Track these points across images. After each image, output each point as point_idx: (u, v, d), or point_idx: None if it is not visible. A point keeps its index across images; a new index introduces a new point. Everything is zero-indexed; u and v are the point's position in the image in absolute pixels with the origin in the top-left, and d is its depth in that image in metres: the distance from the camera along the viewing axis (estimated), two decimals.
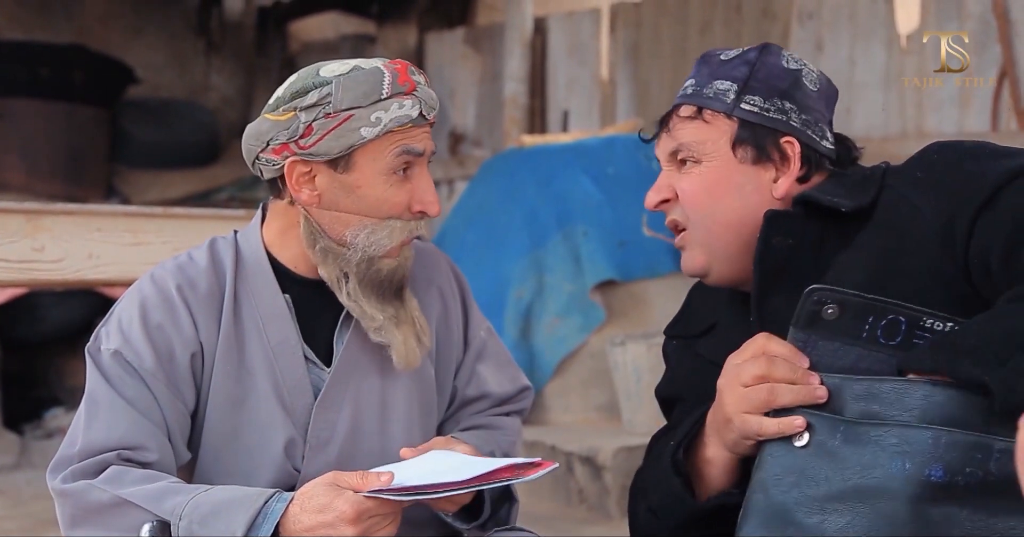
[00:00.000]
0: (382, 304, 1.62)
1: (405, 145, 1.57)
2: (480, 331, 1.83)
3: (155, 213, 2.71)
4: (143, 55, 7.56)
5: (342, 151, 1.56)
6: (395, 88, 1.56)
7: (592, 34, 6.61)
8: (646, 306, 4.82)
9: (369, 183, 1.58)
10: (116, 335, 1.60)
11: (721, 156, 1.51)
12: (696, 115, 1.53)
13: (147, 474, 1.52)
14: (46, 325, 5.93)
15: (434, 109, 1.61)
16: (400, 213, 1.60)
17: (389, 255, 1.61)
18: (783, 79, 1.52)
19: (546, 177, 5.04)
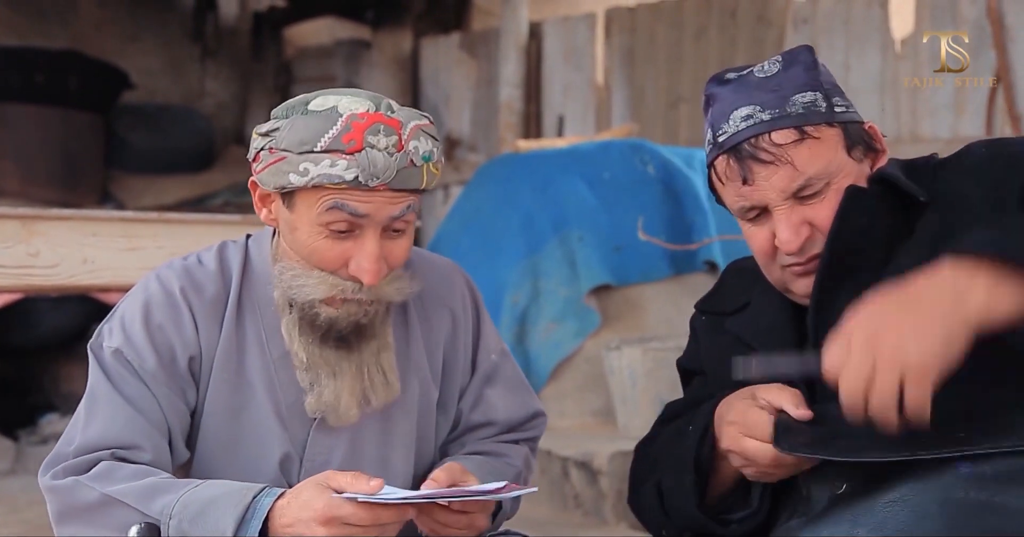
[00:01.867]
0: (319, 348, 1.55)
1: (337, 200, 1.47)
2: (491, 354, 1.77)
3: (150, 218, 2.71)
4: (138, 60, 7.56)
5: (277, 189, 1.50)
6: (334, 144, 1.46)
7: (587, 39, 6.62)
8: (642, 311, 4.82)
9: (303, 229, 1.51)
10: (118, 333, 1.58)
11: (845, 167, 1.46)
12: (801, 136, 1.44)
13: (137, 470, 1.50)
14: (41, 330, 5.92)
15: (378, 178, 1.46)
16: (334, 268, 1.51)
17: (327, 303, 1.53)
18: (831, 75, 1.52)
19: (542, 182, 5.04)
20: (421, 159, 1.50)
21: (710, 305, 1.67)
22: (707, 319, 1.65)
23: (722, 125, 1.48)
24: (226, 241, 1.68)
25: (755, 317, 1.55)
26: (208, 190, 7.18)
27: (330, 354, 1.56)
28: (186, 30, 7.94)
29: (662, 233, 4.74)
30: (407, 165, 1.48)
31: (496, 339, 1.80)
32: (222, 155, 7.67)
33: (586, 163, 5.03)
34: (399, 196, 1.50)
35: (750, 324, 1.55)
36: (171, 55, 7.89)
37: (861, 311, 1.26)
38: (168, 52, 7.88)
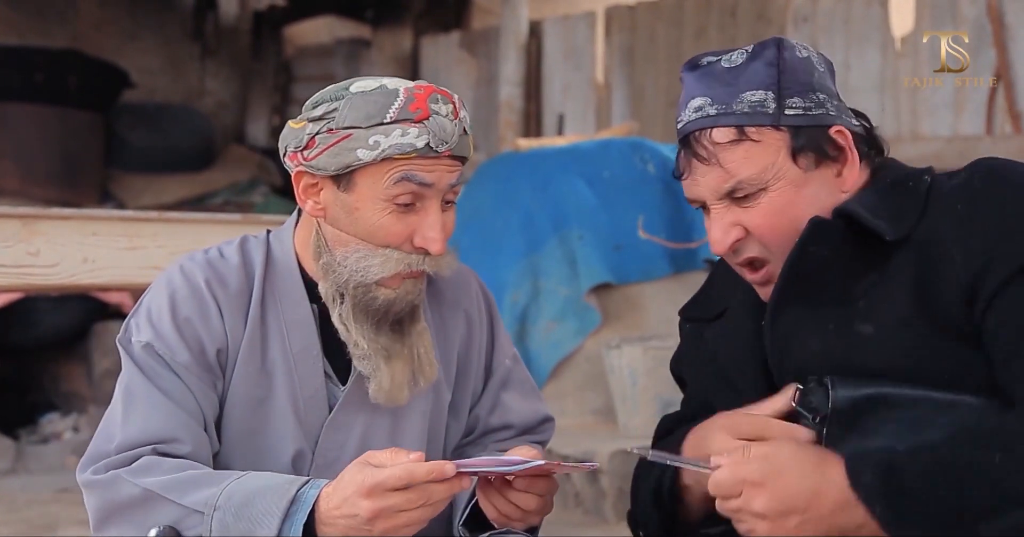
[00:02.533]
0: (375, 333, 1.56)
1: (406, 171, 1.48)
2: (506, 358, 1.77)
3: (150, 217, 2.70)
4: (138, 60, 7.56)
5: (339, 170, 1.50)
6: (402, 114, 1.48)
7: (587, 38, 6.62)
8: (642, 309, 4.82)
9: (367, 207, 1.51)
10: (147, 327, 1.58)
11: (786, 174, 1.39)
12: (739, 137, 1.39)
13: (178, 464, 1.50)
14: (41, 330, 5.92)
15: (447, 142, 1.49)
16: (399, 244, 1.53)
17: (386, 285, 1.53)
18: (806, 71, 1.41)
19: (542, 181, 5.04)
20: (468, 128, 1.56)
21: (694, 311, 1.63)
22: (691, 327, 1.62)
23: (680, 112, 1.45)
24: (247, 235, 1.68)
25: (728, 328, 1.53)
26: (208, 189, 7.18)
27: (385, 339, 1.56)
28: (186, 29, 7.94)
29: (662, 232, 4.74)
30: (463, 132, 1.54)
31: (509, 344, 1.80)
32: (222, 154, 7.67)
33: (586, 162, 5.03)
34: (455, 164, 1.53)
35: (723, 336, 1.53)
36: (171, 54, 7.89)
37: (773, 454, 1.26)
38: (168, 51, 7.88)
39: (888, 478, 1.23)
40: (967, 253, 1.30)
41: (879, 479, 1.23)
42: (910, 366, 1.32)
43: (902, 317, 1.32)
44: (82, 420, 5.93)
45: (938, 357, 1.31)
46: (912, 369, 1.32)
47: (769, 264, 1.43)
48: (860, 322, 1.35)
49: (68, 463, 5.53)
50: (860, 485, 1.23)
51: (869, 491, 1.23)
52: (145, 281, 2.57)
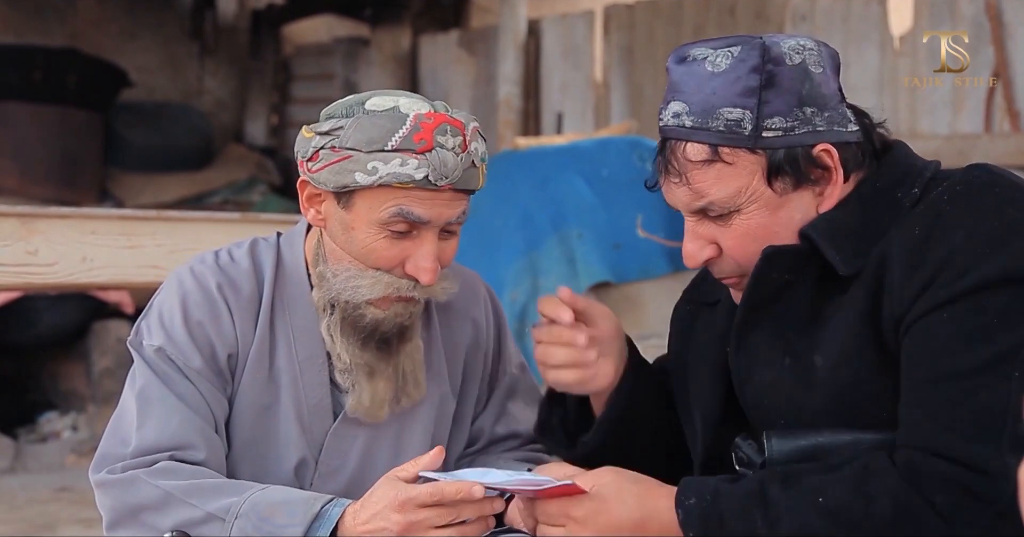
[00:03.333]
0: (360, 349, 1.55)
1: (401, 207, 1.47)
2: (512, 367, 1.77)
3: (149, 216, 2.70)
4: (136, 58, 7.55)
5: (337, 188, 1.50)
6: (405, 143, 1.45)
7: (586, 36, 6.62)
8: (641, 308, 4.82)
9: (362, 228, 1.51)
10: (158, 331, 1.58)
11: (760, 198, 1.32)
12: (712, 157, 1.32)
13: (196, 470, 1.50)
14: (40, 328, 5.92)
15: (447, 178, 1.46)
16: (390, 268, 1.52)
17: (375, 305, 1.53)
18: (796, 82, 1.31)
19: (540, 180, 5.04)
20: (480, 160, 1.52)
21: (696, 293, 1.60)
22: (691, 308, 1.59)
23: (662, 110, 1.40)
24: (257, 238, 1.68)
25: (715, 321, 1.51)
26: (207, 188, 7.17)
27: (371, 356, 1.56)
28: (184, 28, 7.93)
29: (661, 230, 4.74)
30: (470, 166, 1.50)
31: (517, 353, 1.80)
32: (221, 153, 7.66)
33: (585, 160, 5.03)
34: (458, 197, 1.52)
35: (708, 329, 1.52)
36: (169, 53, 7.88)
37: (595, 491, 1.28)
38: (166, 50, 7.87)
39: (709, 505, 1.24)
40: (906, 286, 1.25)
41: (701, 504, 1.24)
42: (850, 404, 1.30)
43: (850, 348, 1.29)
44: (81, 419, 5.93)
45: (881, 391, 1.28)
46: (852, 408, 1.30)
47: (744, 279, 1.39)
48: (817, 353, 1.33)
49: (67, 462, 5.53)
50: (681, 506, 1.25)
51: (689, 513, 1.25)
52: (144, 280, 2.58)
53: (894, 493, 1.20)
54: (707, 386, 1.47)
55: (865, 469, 1.23)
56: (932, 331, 1.24)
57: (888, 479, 1.21)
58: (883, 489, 1.20)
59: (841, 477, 1.23)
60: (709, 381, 1.47)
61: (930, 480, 1.19)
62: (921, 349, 1.24)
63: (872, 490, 1.21)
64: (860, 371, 1.29)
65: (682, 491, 1.27)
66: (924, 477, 1.20)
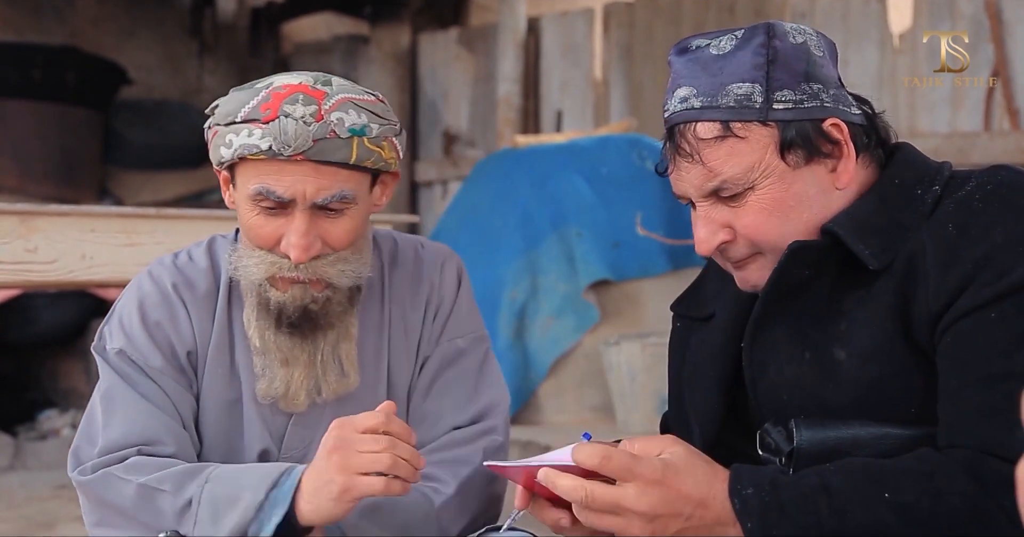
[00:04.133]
0: (273, 334, 1.55)
1: (263, 184, 1.46)
2: (460, 338, 1.69)
3: (148, 214, 2.70)
4: (136, 56, 7.55)
5: (217, 165, 1.52)
6: (252, 113, 1.45)
7: (585, 34, 6.61)
8: (640, 306, 4.82)
9: (241, 205, 1.52)
10: (118, 334, 1.60)
11: (774, 172, 1.31)
12: (724, 133, 1.31)
13: (165, 461, 1.51)
14: (39, 326, 5.92)
15: (290, 146, 1.43)
16: (269, 246, 1.51)
17: (275, 286, 1.52)
18: (800, 59, 1.32)
19: (540, 178, 5.04)
20: (347, 131, 1.46)
21: (684, 308, 1.57)
22: (681, 325, 1.56)
23: (667, 100, 1.38)
24: (215, 235, 1.69)
25: (710, 338, 1.48)
26: (206, 186, 7.17)
27: (283, 341, 1.55)
28: (184, 26, 7.92)
29: (660, 228, 4.74)
30: (327, 136, 1.45)
31: (472, 324, 1.71)
32: None
33: (584, 158, 5.03)
34: (327, 174, 1.46)
35: (701, 346, 1.48)
36: (169, 51, 7.88)
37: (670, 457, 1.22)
38: (166, 48, 7.86)
39: (768, 495, 1.21)
40: (943, 282, 1.24)
41: (758, 494, 1.21)
42: (878, 400, 1.28)
43: (878, 343, 1.28)
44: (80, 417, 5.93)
45: (909, 387, 1.27)
46: (880, 403, 1.28)
47: (760, 256, 1.36)
48: (838, 347, 1.31)
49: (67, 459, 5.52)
50: (738, 496, 1.21)
51: (746, 503, 1.20)
52: None
53: (964, 493, 1.18)
54: (705, 404, 1.45)
55: (927, 465, 1.21)
56: (980, 330, 1.22)
57: (956, 478, 1.19)
58: (952, 488, 1.18)
59: (905, 471, 1.21)
60: (706, 399, 1.45)
61: (996, 482, 1.18)
62: (968, 348, 1.23)
63: (940, 488, 1.19)
64: (889, 367, 1.28)
65: (736, 480, 1.22)
66: (989, 478, 1.18)
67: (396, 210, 6.16)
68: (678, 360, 1.55)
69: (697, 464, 1.23)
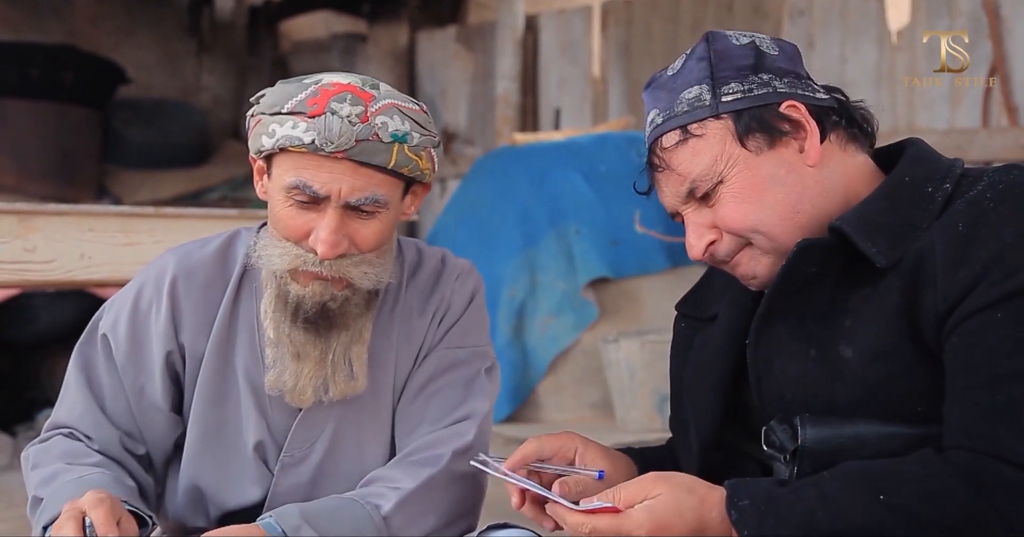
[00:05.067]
0: (289, 328, 1.55)
1: (300, 178, 1.47)
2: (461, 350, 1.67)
3: (147, 213, 2.70)
4: (134, 55, 7.54)
5: (256, 154, 1.53)
6: (299, 107, 1.47)
7: (584, 32, 6.61)
8: (639, 303, 4.82)
9: (274, 196, 1.52)
10: (109, 317, 1.65)
11: (738, 161, 1.35)
12: (684, 136, 1.37)
13: (65, 451, 1.59)
14: (38, 326, 5.91)
15: (333, 143, 1.45)
16: (297, 239, 1.51)
17: (296, 280, 1.53)
18: (746, 56, 1.37)
19: (538, 175, 5.04)
20: (390, 136, 1.48)
21: (689, 308, 1.58)
22: (685, 325, 1.57)
23: (645, 132, 1.45)
24: (240, 229, 1.70)
25: (712, 339, 1.48)
26: (205, 185, 7.17)
27: (298, 335, 1.55)
28: (182, 25, 7.92)
29: (659, 226, 4.74)
30: (371, 138, 1.46)
31: (478, 338, 1.69)
32: (218, 150, 7.65)
33: (582, 156, 5.03)
34: (362, 173, 1.48)
35: (705, 348, 1.49)
36: (167, 50, 7.87)
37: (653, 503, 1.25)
38: (164, 47, 7.86)
39: (763, 504, 1.22)
40: (951, 282, 1.24)
41: (754, 505, 1.23)
42: (884, 398, 1.28)
43: (885, 341, 1.28)
44: None
45: (916, 386, 1.27)
46: (886, 401, 1.28)
47: (749, 250, 1.38)
48: (844, 344, 1.31)
49: None
50: (735, 507, 1.23)
51: (742, 514, 1.23)
52: None
53: (959, 496, 1.18)
54: (704, 406, 1.45)
55: (924, 467, 1.21)
56: (987, 330, 1.22)
57: (951, 481, 1.19)
58: (947, 490, 1.18)
59: (901, 474, 1.21)
60: (706, 401, 1.45)
61: (996, 486, 1.17)
62: (975, 349, 1.22)
63: (935, 490, 1.19)
64: (896, 365, 1.27)
65: (733, 493, 1.25)
66: (989, 482, 1.18)
67: None
68: (680, 361, 1.54)
69: (681, 499, 1.26)
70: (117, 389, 1.61)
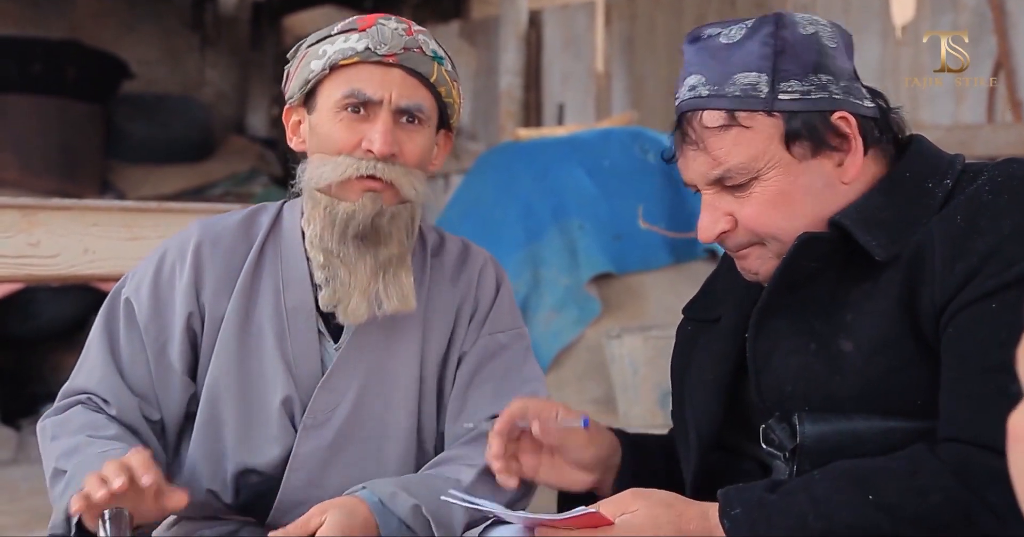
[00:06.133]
0: (337, 245, 1.60)
1: (352, 86, 1.57)
2: (499, 333, 1.73)
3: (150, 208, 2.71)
4: (137, 50, 7.54)
5: (302, 87, 1.62)
6: (347, 26, 1.61)
7: (587, 27, 6.61)
8: (642, 299, 4.82)
9: (324, 121, 1.61)
10: (132, 282, 1.69)
11: (778, 163, 1.31)
12: (729, 122, 1.31)
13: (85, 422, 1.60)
14: (42, 320, 5.92)
15: (386, 44, 1.57)
16: (350, 150, 1.59)
17: (345, 197, 1.59)
18: (810, 50, 1.32)
19: (541, 171, 5.04)
20: (431, 53, 1.62)
21: (696, 310, 1.57)
22: (692, 328, 1.56)
23: (678, 88, 1.38)
24: (265, 204, 1.77)
25: (715, 340, 1.48)
26: (208, 180, 7.17)
27: (348, 251, 1.60)
28: (185, 19, 7.92)
29: (662, 221, 4.74)
30: (416, 48, 1.60)
31: (513, 320, 1.77)
32: (221, 145, 7.65)
33: (586, 151, 5.02)
34: (410, 81, 1.59)
35: (708, 347, 1.48)
36: (170, 44, 7.87)
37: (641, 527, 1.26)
38: (167, 42, 7.86)
39: (755, 510, 1.23)
40: (949, 275, 1.24)
41: (746, 512, 1.23)
42: (884, 392, 1.28)
43: (886, 335, 1.28)
44: None
45: (915, 380, 1.27)
46: (885, 395, 1.28)
47: (761, 247, 1.36)
48: (844, 338, 1.31)
49: None
50: (727, 517, 1.24)
51: (735, 522, 1.23)
52: None
53: (946, 489, 1.18)
54: (704, 405, 1.45)
55: (912, 463, 1.21)
56: (980, 321, 1.21)
57: (938, 475, 1.19)
58: (934, 485, 1.18)
59: (889, 472, 1.21)
60: (706, 401, 1.45)
61: (982, 476, 1.17)
62: (968, 339, 1.22)
63: (922, 486, 1.19)
64: (896, 359, 1.27)
65: (726, 503, 1.25)
66: (976, 473, 1.17)
67: None
68: (683, 360, 1.54)
69: (659, 514, 1.26)
70: (138, 352, 1.64)
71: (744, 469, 1.42)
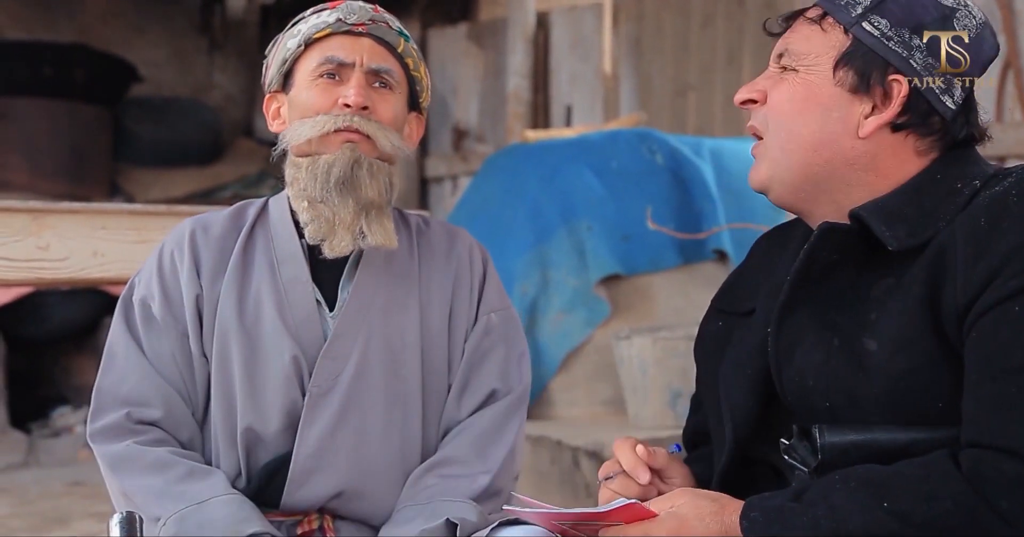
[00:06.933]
0: (322, 192, 1.70)
1: (326, 55, 1.71)
2: (492, 311, 1.85)
3: (159, 211, 2.71)
4: (145, 53, 7.56)
5: (279, 69, 1.76)
6: (318, 7, 1.75)
7: (595, 28, 6.60)
8: (651, 300, 4.81)
9: (301, 92, 1.74)
10: (141, 284, 1.76)
11: (820, 72, 1.37)
12: (819, 19, 1.39)
13: (153, 462, 1.63)
14: (52, 324, 5.94)
15: (355, 14, 1.73)
16: (327, 108, 1.71)
17: (325, 151, 1.70)
18: (929, 11, 1.35)
19: (549, 172, 5.03)
20: (396, 29, 1.78)
21: (727, 302, 1.57)
22: (723, 322, 1.55)
23: None
24: (250, 200, 1.89)
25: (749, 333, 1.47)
26: (216, 183, 7.19)
27: (331, 197, 1.69)
28: (193, 22, 7.94)
29: (671, 222, 4.73)
30: (383, 21, 1.76)
31: (499, 297, 1.88)
32: (230, 148, 7.67)
33: (594, 153, 5.02)
34: (380, 52, 1.75)
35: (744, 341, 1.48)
36: (178, 47, 7.89)
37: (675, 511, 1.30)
38: (175, 44, 7.88)
39: (774, 513, 1.24)
40: (971, 275, 1.24)
41: (764, 515, 1.25)
42: (906, 392, 1.27)
43: (909, 334, 1.27)
44: None
45: (937, 380, 1.26)
46: (907, 396, 1.27)
47: (763, 141, 1.42)
48: (868, 337, 1.31)
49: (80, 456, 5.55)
50: (747, 518, 1.26)
51: (753, 524, 1.25)
52: None
53: (956, 495, 1.18)
54: (741, 401, 1.44)
55: (926, 468, 1.21)
56: (1003, 323, 1.21)
57: (950, 480, 1.18)
58: (945, 491, 1.18)
59: (904, 477, 1.21)
60: (743, 396, 1.44)
61: (997, 482, 1.17)
62: (991, 342, 1.21)
63: (934, 491, 1.18)
64: (918, 357, 1.26)
65: (748, 506, 1.28)
66: (991, 479, 1.17)
67: (406, 205, 6.16)
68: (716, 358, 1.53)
69: (703, 506, 1.30)
70: (164, 348, 1.71)
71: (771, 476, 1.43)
